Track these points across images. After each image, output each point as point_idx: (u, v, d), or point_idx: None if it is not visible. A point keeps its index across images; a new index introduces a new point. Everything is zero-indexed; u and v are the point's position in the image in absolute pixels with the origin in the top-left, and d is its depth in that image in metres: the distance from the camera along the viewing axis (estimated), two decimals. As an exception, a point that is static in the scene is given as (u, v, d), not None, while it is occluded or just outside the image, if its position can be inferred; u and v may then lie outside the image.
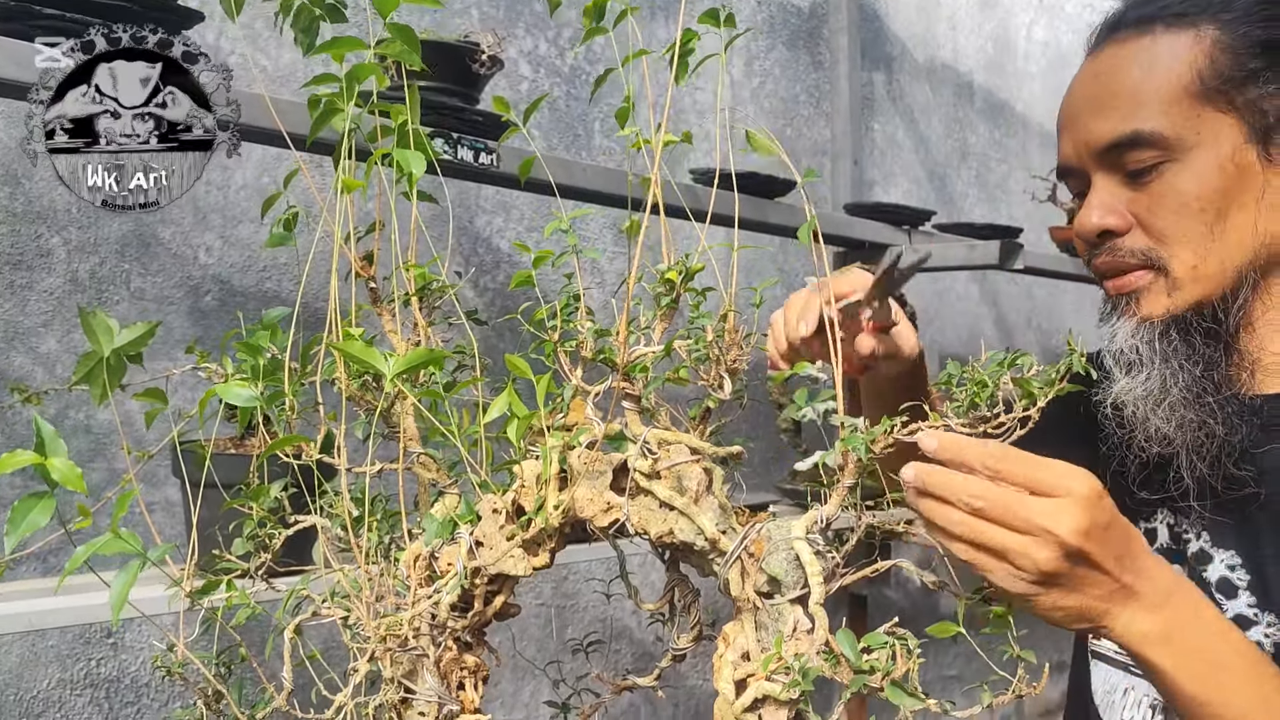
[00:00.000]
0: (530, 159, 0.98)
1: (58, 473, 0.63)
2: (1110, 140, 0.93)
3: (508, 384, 0.83)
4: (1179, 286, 0.93)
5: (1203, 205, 0.91)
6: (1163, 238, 0.93)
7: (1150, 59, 0.93)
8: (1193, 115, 0.91)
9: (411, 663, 0.80)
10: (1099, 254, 0.97)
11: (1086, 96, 0.97)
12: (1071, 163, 0.98)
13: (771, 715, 0.75)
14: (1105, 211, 0.95)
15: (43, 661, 1.51)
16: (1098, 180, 0.96)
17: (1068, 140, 0.98)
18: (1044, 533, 0.72)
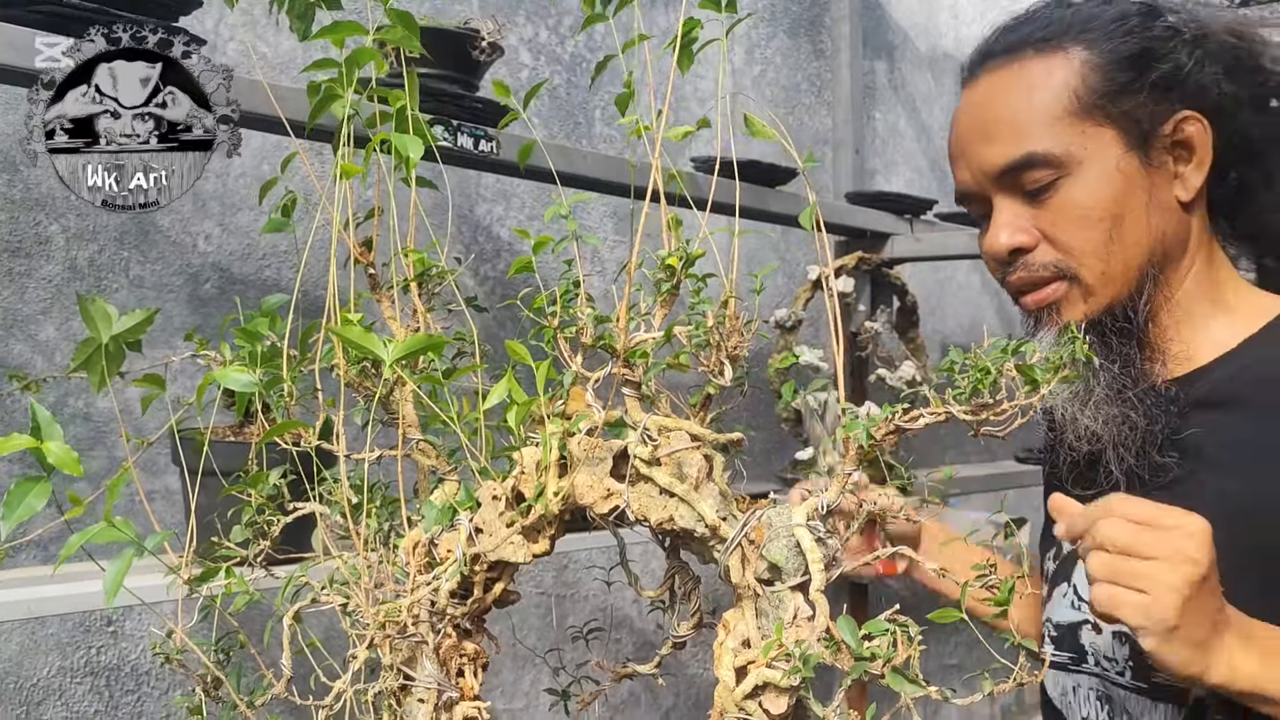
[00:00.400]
0: (529, 144, 0.97)
1: (53, 456, 0.63)
2: (1006, 164, 0.99)
3: (507, 370, 0.83)
4: (1092, 292, 0.99)
5: (1100, 214, 0.97)
6: (1069, 249, 0.99)
7: (1029, 84, 0.99)
8: (1077, 132, 0.97)
9: (411, 650, 0.80)
10: (1012, 271, 1.02)
11: (976, 126, 1.03)
12: (971, 189, 1.04)
13: (772, 702, 0.75)
14: (1012, 231, 1.00)
15: (43, 649, 1.51)
16: (999, 202, 1.02)
17: (964, 168, 1.04)
18: (1175, 555, 0.78)
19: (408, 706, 0.80)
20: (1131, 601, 0.78)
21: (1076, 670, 1.07)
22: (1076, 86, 0.98)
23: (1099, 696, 1.04)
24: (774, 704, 0.75)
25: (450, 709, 0.80)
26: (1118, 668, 1.02)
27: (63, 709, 1.52)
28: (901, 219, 2.38)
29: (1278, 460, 0.94)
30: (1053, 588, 1.11)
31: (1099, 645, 1.04)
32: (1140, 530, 0.79)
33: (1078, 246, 0.98)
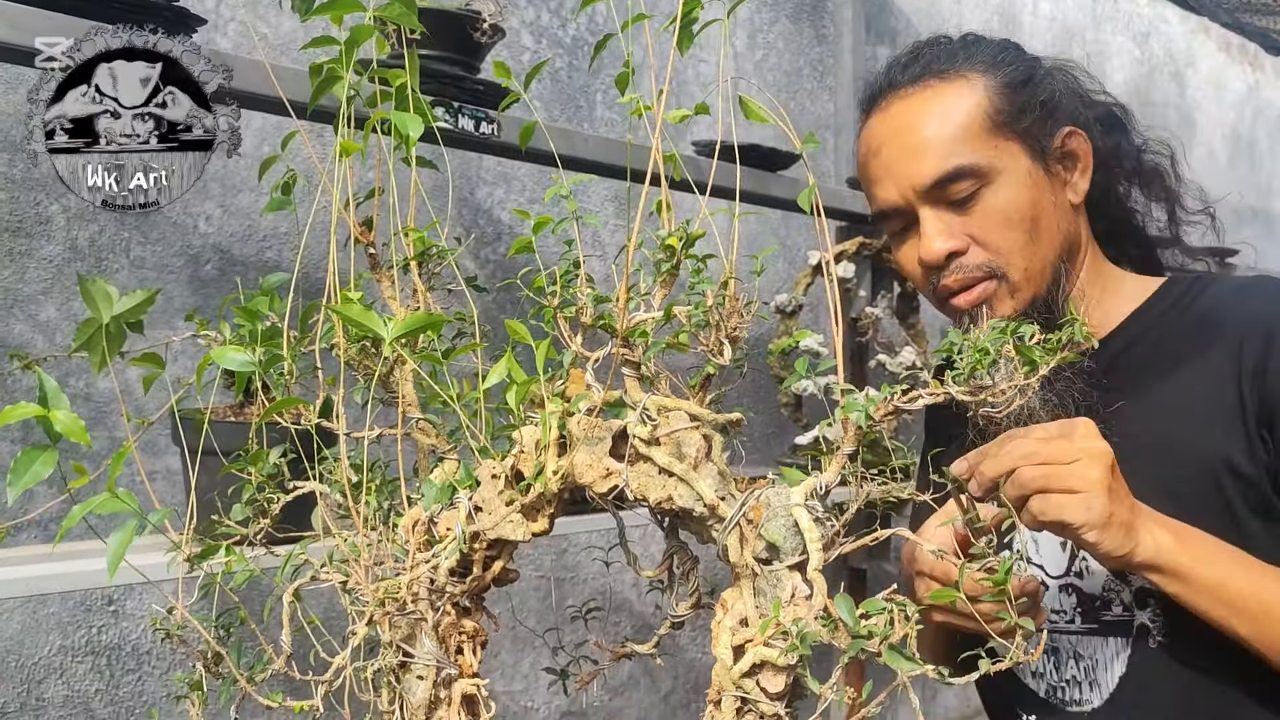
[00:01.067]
0: (531, 125, 0.97)
1: (61, 425, 0.63)
2: (935, 178, 1.08)
3: (507, 350, 0.83)
4: (1018, 288, 1.10)
5: (1020, 216, 1.08)
6: (998, 249, 1.09)
7: (942, 108, 1.10)
8: (991, 146, 1.09)
9: (410, 627, 0.80)
10: (946, 275, 1.11)
11: (901, 145, 1.11)
12: (896, 205, 1.12)
13: (769, 680, 0.75)
14: (945, 238, 1.09)
15: (44, 628, 1.51)
16: (926, 213, 1.10)
17: (889, 187, 1.12)
18: (1087, 452, 0.88)
19: (407, 683, 0.80)
20: (1071, 503, 0.87)
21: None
22: (986, 107, 1.10)
23: (1046, 650, 1.14)
24: (771, 682, 0.75)
25: (449, 686, 0.80)
26: (1067, 617, 1.13)
27: (64, 687, 1.53)
28: (903, 204, 2.37)
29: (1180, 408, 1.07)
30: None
31: (1046, 601, 1.13)
32: (1049, 441, 0.89)
33: (1005, 246, 1.09)
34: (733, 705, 0.77)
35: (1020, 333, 0.78)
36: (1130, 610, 1.08)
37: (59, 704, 1.53)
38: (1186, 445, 1.05)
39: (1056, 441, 0.90)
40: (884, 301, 2.35)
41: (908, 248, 1.15)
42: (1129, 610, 1.08)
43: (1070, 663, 1.13)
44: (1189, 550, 0.93)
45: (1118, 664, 1.09)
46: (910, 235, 1.14)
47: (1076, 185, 1.14)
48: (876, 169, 1.14)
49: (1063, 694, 1.13)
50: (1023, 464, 0.88)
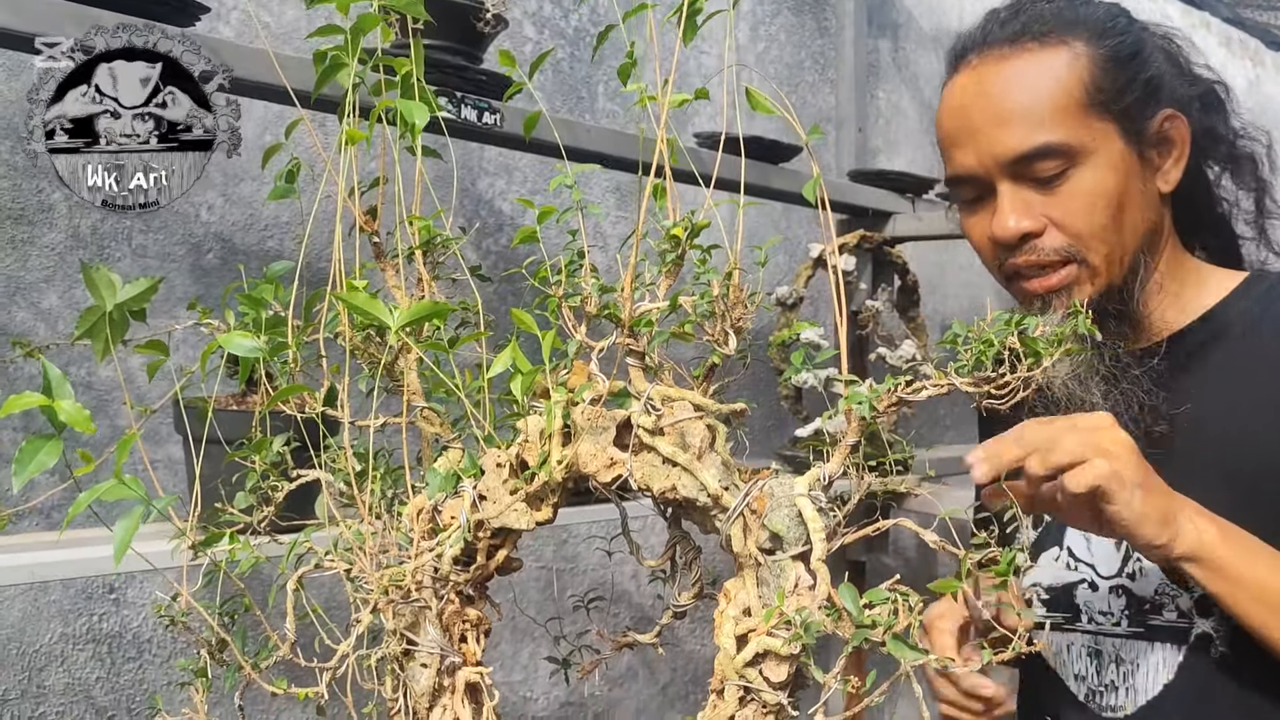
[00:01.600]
0: (535, 114, 0.97)
1: (65, 414, 0.63)
2: (1020, 153, 1.02)
3: (512, 339, 0.83)
4: (1097, 274, 1.04)
5: (1106, 202, 1.02)
6: (1079, 234, 1.03)
7: (1037, 75, 1.03)
8: (1085, 125, 1.02)
9: (414, 615, 0.80)
10: (1019, 255, 1.05)
11: (985, 112, 1.04)
12: (974, 173, 1.06)
13: (772, 670, 0.76)
14: (1021, 216, 1.03)
15: (45, 616, 1.51)
16: (1005, 188, 1.04)
17: (968, 153, 1.05)
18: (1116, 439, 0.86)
19: (410, 671, 0.81)
20: (1101, 467, 0.84)
21: (1070, 629, 1.12)
22: (1086, 81, 1.02)
23: (1089, 652, 1.11)
24: (774, 672, 0.76)
25: (453, 674, 0.81)
26: (1114, 619, 1.09)
27: (64, 675, 1.53)
28: (904, 198, 2.38)
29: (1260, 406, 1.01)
30: (1038, 553, 1.17)
31: (1093, 602, 1.11)
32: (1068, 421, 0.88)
33: (1085, 232, 1.02)
34: (735, 694, 0.77)
35: (1024, 324, 0.78)
36: (1189, 617, 1.03)
37: (60, 691, 1.53)
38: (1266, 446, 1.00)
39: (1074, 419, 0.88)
40: (884, 295, 2.35)
41: (979, 219, 1.09)
42: (1187, 617, 1.04)
43: (1111, 666, 1.09)
44: (1233, 545, 0.89)
45: (1163, 671, 1.05)
46: (983, 207, 1.08)
47: (1169, 174, 1.07)
48: (957, 131, 1.07)
49: (1100, 698, 1.09)
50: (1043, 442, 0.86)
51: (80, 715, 1.55)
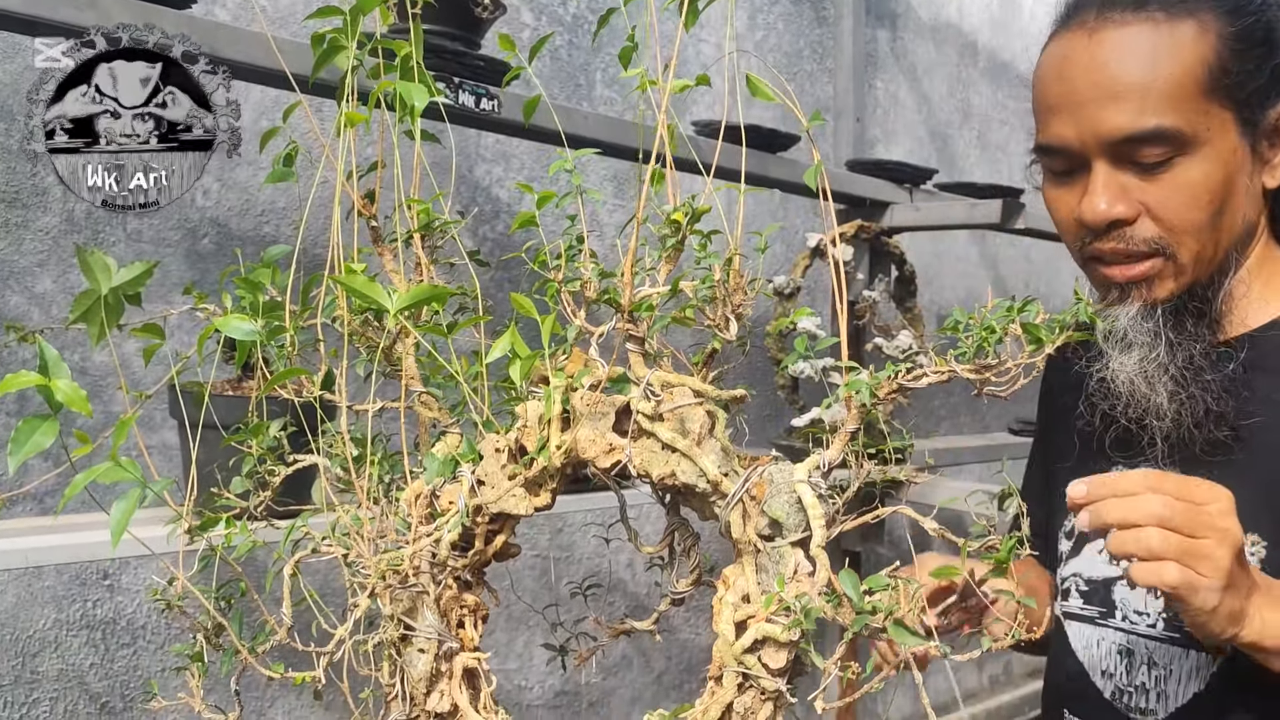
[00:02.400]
0: (535, 99, 0.97)
1: (62, 394, 0.63)
2: (1127, 134, 0.93)
3: (510, 324, 0.83)
4: (1184, 271, 0.97)
5: (1210, 197, 0.94)
6: (1172, 228, 0.95)
7: (1158, 49, 0.93)
8: (1202, 111, 0.93)
9: (411, 600, 0.80)
10: (1105, 241, 0.97)
11: (1098, 84, 0.94)
12: (1071, 146, 0.97)
13: (771, 656, 0.75)
14: (1114, 200, 0.95)
15: (39, 602, 1.51)
16: (1101, 168, 0.96)
17: (1067, 123, 0.97)
18: (1221, 533, 0.79)
19: (408, 656, 0.80)
20: (1188, 580, 0.78)
21: (1103, 624, 1.09)
22: (1211, 62, 0.93)
23: (1119, 650, 1.06)
24: (773, 658, 0.75)
25: (450, 659, 0.80)
26: (1149, 620, 1.04)
27: (58, 661, 1.53)
28: (901, 188, 2.38)
29: None
30: (1081, 544, 1.12)
31: (1130, 599, 1.06)
32: (1184, 508, 0.80)
33: (1181, 225, 0.95)
34: (734, 681, 0.77)
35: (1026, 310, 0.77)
36: None
37: (54, 677, 1.52)
38: None
39: (1191, 510, 0.80)
40: (881, 285, 2.35)
41: (1065, 194, 1.01)
42: None
43: (1143, 668, 1.04)
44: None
45: (1195, 680, 1.00)
46: (1073, 182, 0.99)
47: (1277, 169, 0.99)
48: (1058, 98, 0.97)
49: (1129, 699, 1.05)
50: (1151, 524, 0.79)
51: (74, 701, 1.55)
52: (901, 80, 3.01)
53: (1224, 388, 0.98)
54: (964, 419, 3.26)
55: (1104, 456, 1.06)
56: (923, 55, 3.08)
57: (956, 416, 3.24)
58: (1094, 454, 1.07)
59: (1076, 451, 1.11)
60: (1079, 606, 1.11)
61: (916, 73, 3.06)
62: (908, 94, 3.04)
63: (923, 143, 3.10)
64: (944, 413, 3.19)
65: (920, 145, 3.09)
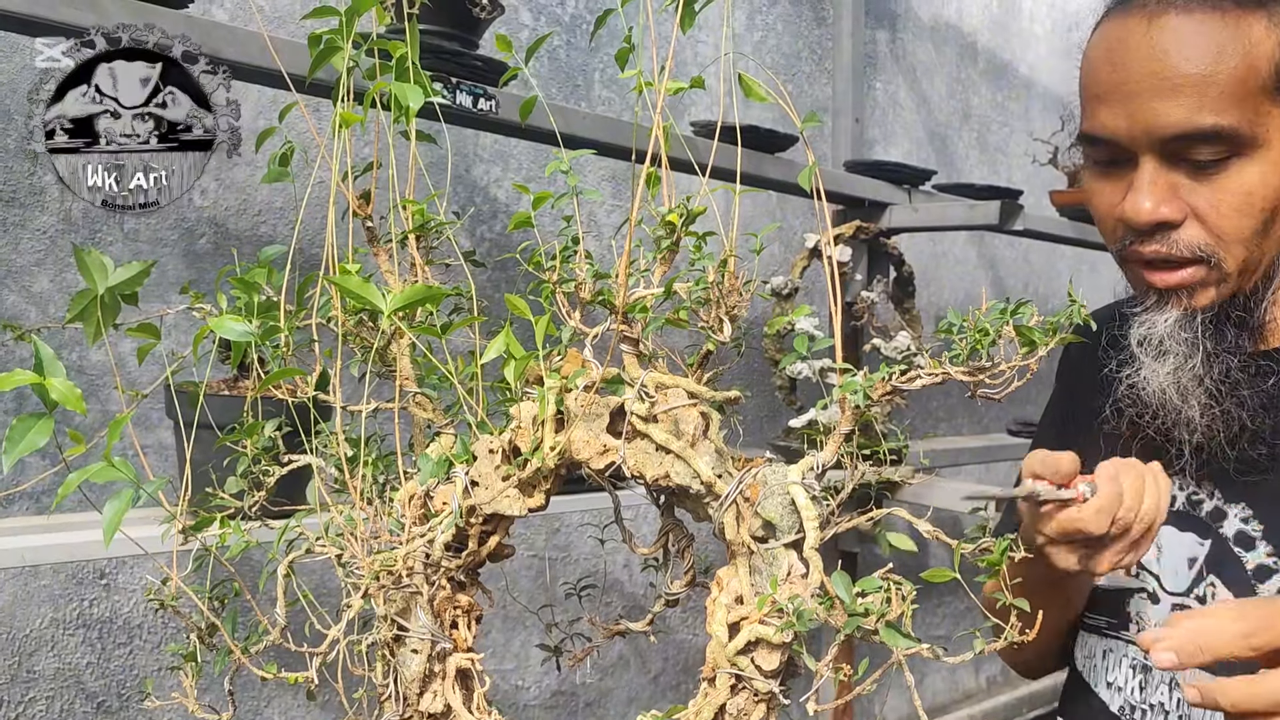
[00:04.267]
0: (532, 99, 0.97)
1: (57, 393, 0.63)
2: (1182, 132, 0.87)
3: (505, 325, 0.83)
4: (1226, 279, 0.92)
5: (1264, 204, 0.89)
6: (1221, 234, 0.90)
7: (1223, 42, 0.87)
8: (1264, 112, 0.88)
9: (405, 601, 0.80)
10: (1147, 243, 0.92)
11: (1150, 73, 0.88)
12: (1119, 139, 0.91)
13: (764, 658, 0.75)
14: (1161, 201, 0.89)
15: (35, 601, 1.51)
16: (1150, 164, 0.90)
17: (1117, 115, 0.90)
18: None
19: (401, 657, 0.80)
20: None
21: (1111, 635, 1.05)
22: (1278, 60, 0.87)
23: (1134, 666, 1.01)
24: (766, 660, 0.75)
25: (443, 660, 0.80)
26: None
27: (54, 660, 1.53)
28: (900, 189, 2.38)
29: None
30: None
31: (1150, 615, 1.01)
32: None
33: (1230, 232, 0.90)
34: (727, 682, 0.77)
35: (1019, 313, 0.78)
36: None
37: (50, 676, 1.52)
38: None
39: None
40: (879, 286, 2.35)
41: (1109, 187, 0.94)
42: None
43: (1162, 689, 0.98)
44: None
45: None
46: (1118, 174, 0.93)
47: None
48: (1109, 86, 0.91)
49: (1141, 717, 0.99)
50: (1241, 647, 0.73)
51: (70, 701, 1.55)
52: (900, 81, 3.01)
53: (1261, 404, 0.93)
54: (962, 420, 3.27)
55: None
56: (922, 56, 3.08)
57: (954, 418, 3.24)
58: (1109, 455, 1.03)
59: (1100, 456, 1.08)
60: (1087, 615, 1.07)
61: (916, 74, 3.06)
62: (907, 95, 3.04)
63: (921, 144, 3.10)
64: (942, 414, 3.19)
65: (919, 146, 3.09)
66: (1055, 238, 2.81)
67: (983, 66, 3.33)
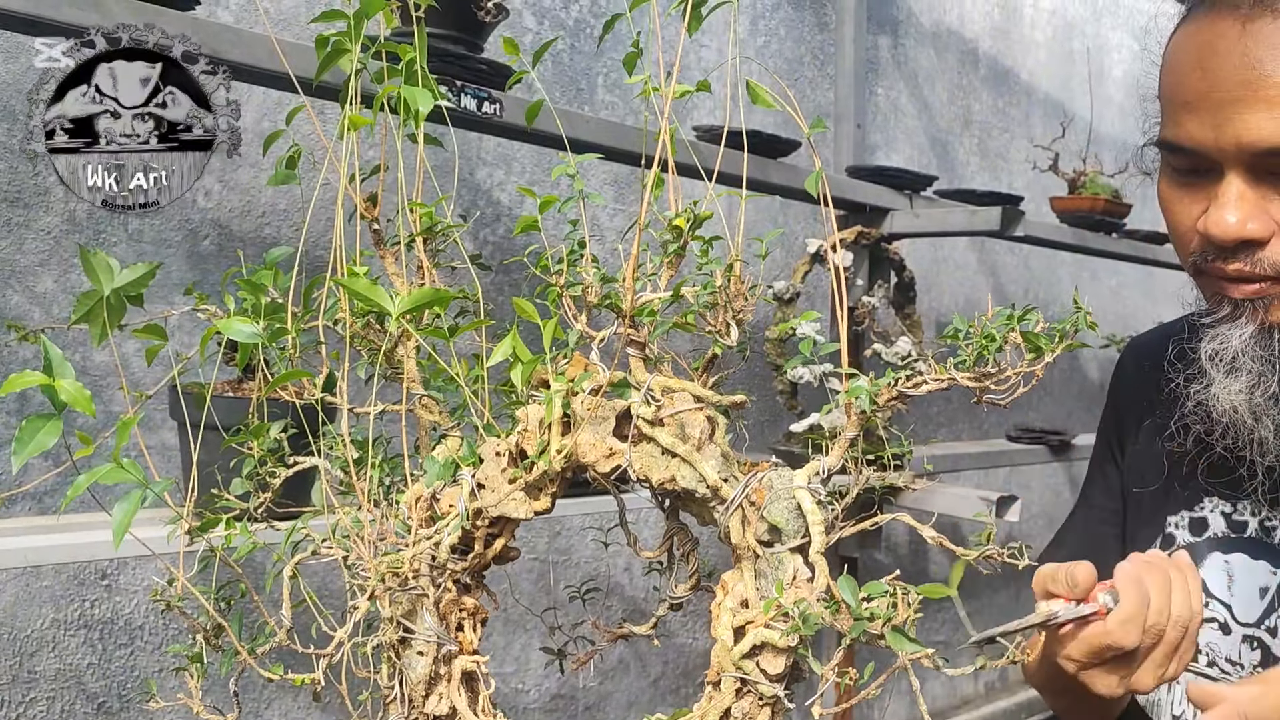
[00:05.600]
0: (538, 103, 0.97)
1: (66, 394, 0.63)
2: (1274, 146, 0.81)
3: (512, 328, 0.83)
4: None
5: None
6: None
7: None
8: None
9: (411, 603, 0.80)
10: (1229, 261, 0.86)
11: (1243, 82, 0.81)
12: (1206, 149, 0.85)
13: (769, 662, 0.75)
14: (1249, 218, 0.84)
15: (37, 601, 1.51)
16: (1237, 179, 0.84)
17: (1204, 125, 0.84)
18: None
19: (407, 659, 0.80)
20: None
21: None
22: None
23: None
24: (771, 664, 0.75)
25: (449, 662, 0.80)
26: (1243, 671, 0.96)
27: (55, 660, 1.53)
28: (901, 194, 2.38)
29: None
30: None
31: (1219, 646, 0.98)
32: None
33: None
34: (732, 686, 0.77)
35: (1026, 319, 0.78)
36: None
37: (51, 677, 1.52)
38: None
39: None
40: (880, 291, 2.36)
41: (1188, 198, 0.89)
42: None
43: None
44: None
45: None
46: (1198, 185, 0.88)
47: None
48: (1197, 94, 0.84)
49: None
50: None
51: (71, 701, 1.55)
52: (902, 87, 3.02)
53: None
54: (962, 425, 3.27)
55: (1196, 485, 1.00)
56: (924, 62, 3.08)
57: (955, 423, 3.24)
58: (1184, 479, 1.01)
59: (1165, 475, 1.03)
60: None
61: (917, 79, 3.07)
62: (908, 101, 3.04)
63: (923, 149, 3.11)
64: (943, 419, 3.19)
65: (921, 152, 3.09)
66: (1056, 244, 2.82)
67: (984, 73, 3.33)
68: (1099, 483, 1.19)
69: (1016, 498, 2.15)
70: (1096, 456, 1.21)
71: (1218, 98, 0.83)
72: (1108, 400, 1.20)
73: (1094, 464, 1.21)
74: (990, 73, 3.36)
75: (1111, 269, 3.82)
